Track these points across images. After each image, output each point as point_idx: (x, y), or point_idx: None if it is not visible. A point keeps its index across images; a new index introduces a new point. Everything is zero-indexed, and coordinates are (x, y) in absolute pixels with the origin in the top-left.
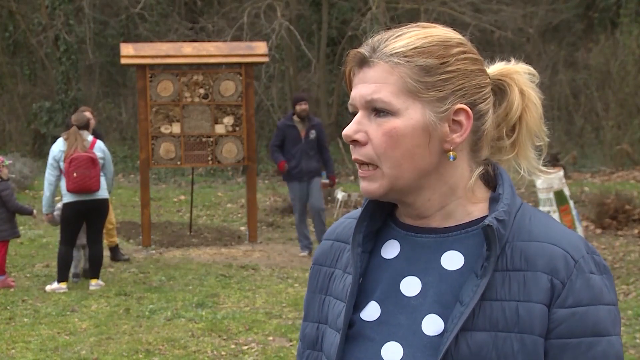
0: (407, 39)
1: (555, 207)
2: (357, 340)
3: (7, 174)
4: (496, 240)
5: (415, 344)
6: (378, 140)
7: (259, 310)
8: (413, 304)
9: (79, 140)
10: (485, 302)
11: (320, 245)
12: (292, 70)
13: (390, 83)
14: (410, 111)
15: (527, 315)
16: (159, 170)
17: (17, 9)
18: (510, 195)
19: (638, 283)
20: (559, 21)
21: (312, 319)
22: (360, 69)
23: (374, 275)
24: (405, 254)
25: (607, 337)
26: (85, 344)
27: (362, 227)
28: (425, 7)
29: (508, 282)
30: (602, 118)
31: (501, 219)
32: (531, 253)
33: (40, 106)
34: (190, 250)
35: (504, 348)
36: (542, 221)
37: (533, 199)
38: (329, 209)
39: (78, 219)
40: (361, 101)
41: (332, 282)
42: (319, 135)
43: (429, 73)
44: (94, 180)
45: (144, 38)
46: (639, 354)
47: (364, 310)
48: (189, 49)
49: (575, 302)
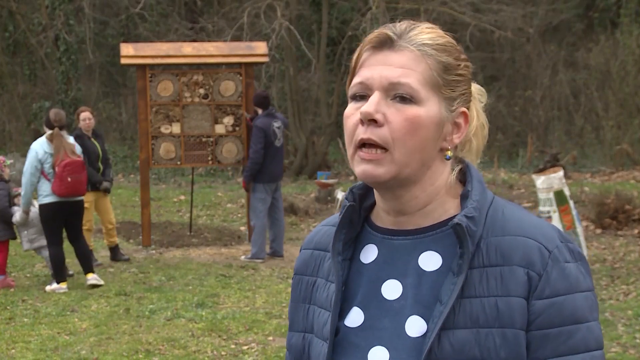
0: (431, 34)
1: (555, 207)
2: (344, 347)
3: (8, 174)
4: (467, 238)
5: (401, 347)
6: (398, 125)
7: (259, 310)
8: (395, 307)
9: (64, 143)
10: (465, 300)
11: (300, 254)
12: (292, 70)
13: (418, 71)
14: (431, 103)
15: (506, 309)
16: (159, 170)
17: (17, 9)
18: (479, 191)
19: (638, 283)
20: (559, 21)
21: (297, 328)
22: (379, 50)
23: (354, 281)
24: (383, 257)
25: (585, 324)
26: (85, 344)
27: (342, 234)
28: (425, 7)
29: (486, 279)
30: (602, 118)
31: (470, 215)
32: (506, 248)
33: (40, 106)
34: (190, 250)
35: (486, 344)
36: (515, 214)
37: (533, 199)
38: (329, 208)
39: (60, 218)
40: (382, 82)
41: (315, 291)
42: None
43: (448, 71)
44: (84, 185)
45: (144, 38)
46: (639, 354)
47: (348, 317)
48: (189, 49)
49: (553, 292)
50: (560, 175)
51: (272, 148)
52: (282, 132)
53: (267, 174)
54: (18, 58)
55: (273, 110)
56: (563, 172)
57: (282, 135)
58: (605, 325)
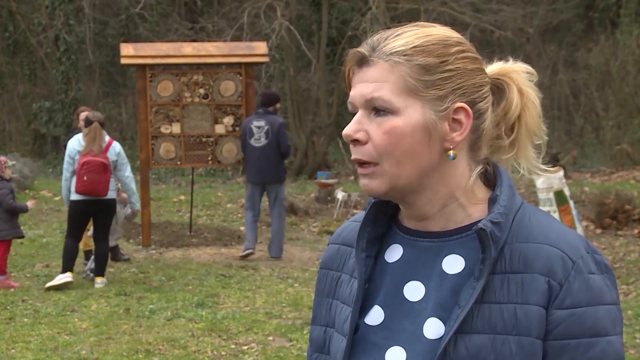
0: (406, 38)
1: (555, 207)
2: (362, 345)
3: (10, 174)
4: (490, 243)
5: (418, 348)
6: (379, 139)
7: (259, 310)
8: (417, 309)
9: (97, 139)
10: (484, 305)
11: (327, 249)
12: (292, 70)
13: (390, 82)
14: (410, 110)
15: (524, 317)
16: (159, 170)
17: (17, 9)
18: (508, 196)
19: (638, 283)
20: (559, 21)
21: (319, 322)
22: (359, 68)
23: (377, 280)
24: (408, 258)
25: (606, 338)
26: (85, 344)
27: (366, 232)
28: (425, 7)
29: (507, 285)
30: (602, 118)
31: (496, 221)
32: (529, 255)
33: (40, 106)
34: (190, 250)
35: (502, 350)
36: (541, 221)
37: (533, 199)
38: (329, 209)
39: (83, 216)
40: (361, 100)
41: (339, 286)
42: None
43: (429, 72)
44: (102, 185)
45: (144, 38)
46: (639, 354)
47: (368, 315)
48: (189, 49)
49: (574, 303)
50: (560, 175)
51: (247, 147)
52: (267, 133)
53: (247, 173)
54: (18, 58)
55: (261, 109)
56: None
57: (267, 137)
58: None
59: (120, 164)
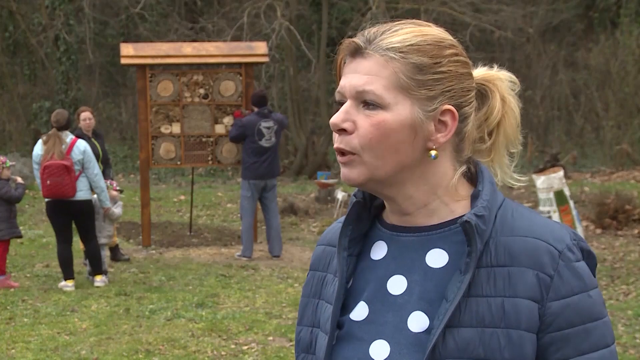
0: (403, 35)
1: (555, 207)
2: (347, 340)
3: (8, 175)
4: (475, 236)
5: (402, 341)
6: (365, 130)
7: (259, 310)
8: (399, 302)
9: (57, 144)
10: (471, 299)
11: (315, 250)
12: (292, 70)
13: (383, 77)
14: (399, 107)
15: (512, 310)
16: (159, 170)
17: (17, 9)
18: (489, 191)
19: (638, 283)
20: (559, 21)
21: (306, 323)
22: (353, 58)
23: (363, 277)
24: (392, 254)
25: (602, 320)
26: (85, 344)
27: (348, 230)
28: (425, 7)
29: (493, 278)
30: (602, 118)
31: (480, 214)
32: (515, 248)
33: (40, 106)
34: (190, 250)
35: (491, 343)
36: (524, 215)
37: (533, 199)
38: (329, 209)
39: (60, 218)
40: (351, 91)
41: (324, 286)
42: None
43: (422, 71)
44: (67, 187)
45: (144, 38)
46: (639, 354)
47: (353, 311)
48: (189, 49)
49: (567, 292)
50: (560, 175)
51: (256, 147)
52: (276, 132)
53: (251, 171)
54: (18, 58)
55: (266, 109)
56: (563, 172)
57: (276, 136)
58: None
59: (87, 161)
